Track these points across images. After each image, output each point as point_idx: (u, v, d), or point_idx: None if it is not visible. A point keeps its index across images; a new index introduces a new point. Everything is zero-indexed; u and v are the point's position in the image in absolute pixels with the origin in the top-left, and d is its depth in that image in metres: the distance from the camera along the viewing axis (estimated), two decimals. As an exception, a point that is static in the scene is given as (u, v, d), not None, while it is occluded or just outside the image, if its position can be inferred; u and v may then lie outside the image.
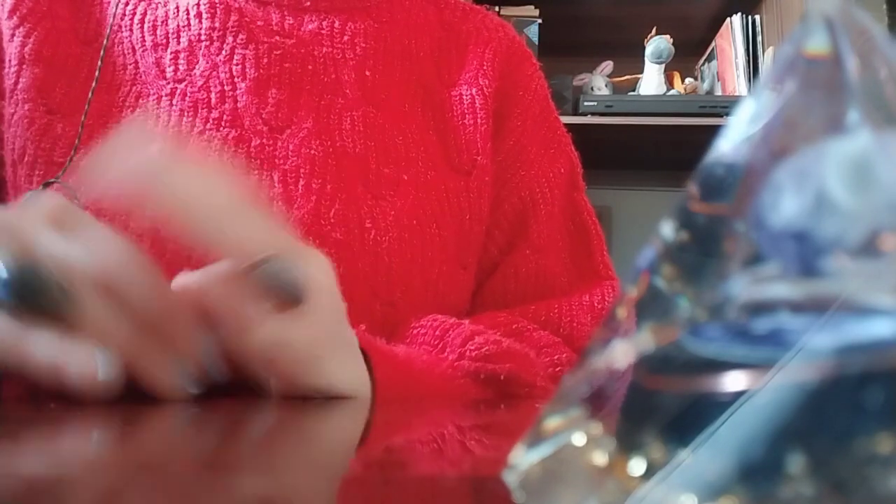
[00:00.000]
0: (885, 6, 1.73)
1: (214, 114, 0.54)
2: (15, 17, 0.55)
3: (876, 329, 0.12)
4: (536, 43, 1.84)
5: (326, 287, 0.37)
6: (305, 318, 0.35)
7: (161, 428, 0.28)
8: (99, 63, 0.54)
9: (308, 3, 0.60)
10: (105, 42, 0.55)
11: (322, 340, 0.36)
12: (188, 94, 0.55)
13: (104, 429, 0.27)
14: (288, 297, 0.34)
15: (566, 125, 0.69)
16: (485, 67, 0.63)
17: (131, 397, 0.33)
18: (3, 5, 0.56)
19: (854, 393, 0.11)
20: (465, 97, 0.62)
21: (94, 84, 0.52)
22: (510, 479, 0.15)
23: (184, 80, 0.55)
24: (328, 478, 0.18)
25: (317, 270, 0.37)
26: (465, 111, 0.62)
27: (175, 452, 0.22)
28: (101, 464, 0.20)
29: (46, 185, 0.49)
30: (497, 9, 1.86)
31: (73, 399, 0.32)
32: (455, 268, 0.59)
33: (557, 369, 0.52)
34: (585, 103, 1.76)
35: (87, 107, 0.51)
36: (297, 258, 0.36)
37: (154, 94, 0.55)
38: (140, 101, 0.55)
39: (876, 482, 0.11)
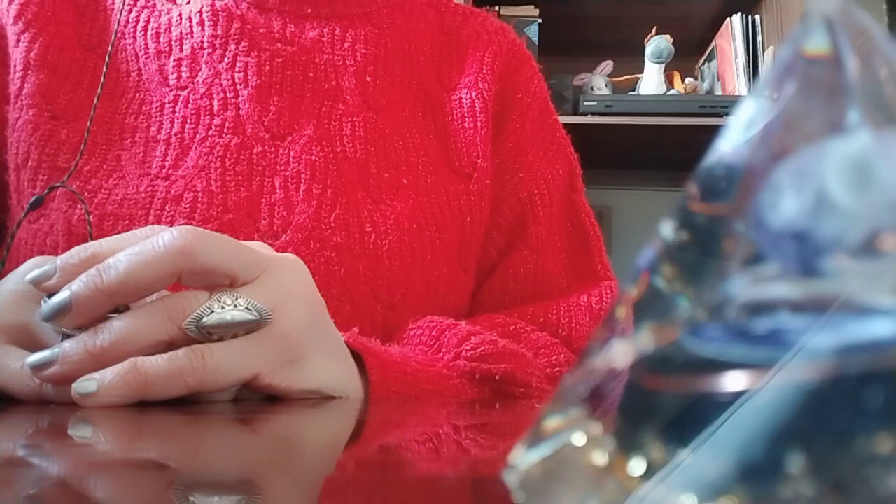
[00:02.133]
0: (885, 6, 1.73)
1: (217, 120, 0.54)
2: (20, 23, 0.56)
3: (876, 329, 0.12)
4: (536, 43, 1.84)
5: (298, 291, 0.37)
6: (272, 331, 0.35)
7: (156, 426, 0.28)
8: (104, 69, 0.54)
9: (309, 11, 0.60)
10: (109, 49, 0.55)
11: (297, 345, 0.36)
12: (191, 101, 0.55)
13: (110, 426, 0.27)
14: (247, 328, 0.34)
15: (566, 125, 0.69)
16: (484, 71, 0.64)
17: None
18: (8, 11, 0.56)
19: (854, 393, 0.11)
20: (464, 101, 0.62)
21: (98, 90, 0.53)
22: (510, 479, 0.15)
23: (186, 87, 0.56)
24: (330, 478, 0.18)
25: (286, 279, 0.37)
26: (465, 115, 0.62)
27: (166, 451, 0.22)
28: (111, 461, 0.20)
29: (51, 188, 0.49)
30: (497, 9, 1.86)
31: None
32: (455, 270, 0.59)
33: (555, 370, 0.52)
34: (585, 103, 1.76)
35: (92, 112, 0.52)
36: (265, 275, 0.36)
37: (157, 100, 0.56)
38: (143, 107, 0.56)
39: (876, 482, 0.11)
